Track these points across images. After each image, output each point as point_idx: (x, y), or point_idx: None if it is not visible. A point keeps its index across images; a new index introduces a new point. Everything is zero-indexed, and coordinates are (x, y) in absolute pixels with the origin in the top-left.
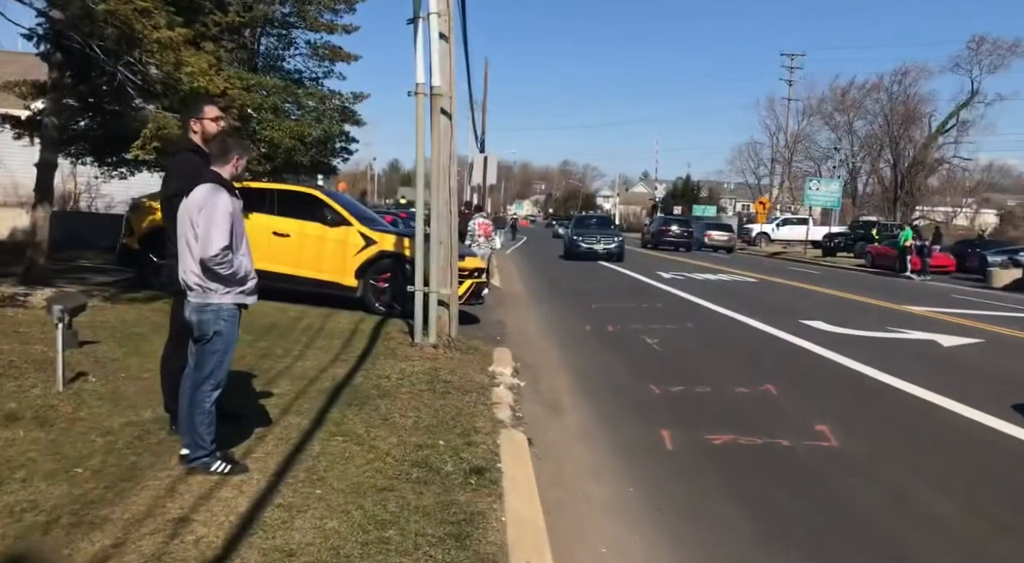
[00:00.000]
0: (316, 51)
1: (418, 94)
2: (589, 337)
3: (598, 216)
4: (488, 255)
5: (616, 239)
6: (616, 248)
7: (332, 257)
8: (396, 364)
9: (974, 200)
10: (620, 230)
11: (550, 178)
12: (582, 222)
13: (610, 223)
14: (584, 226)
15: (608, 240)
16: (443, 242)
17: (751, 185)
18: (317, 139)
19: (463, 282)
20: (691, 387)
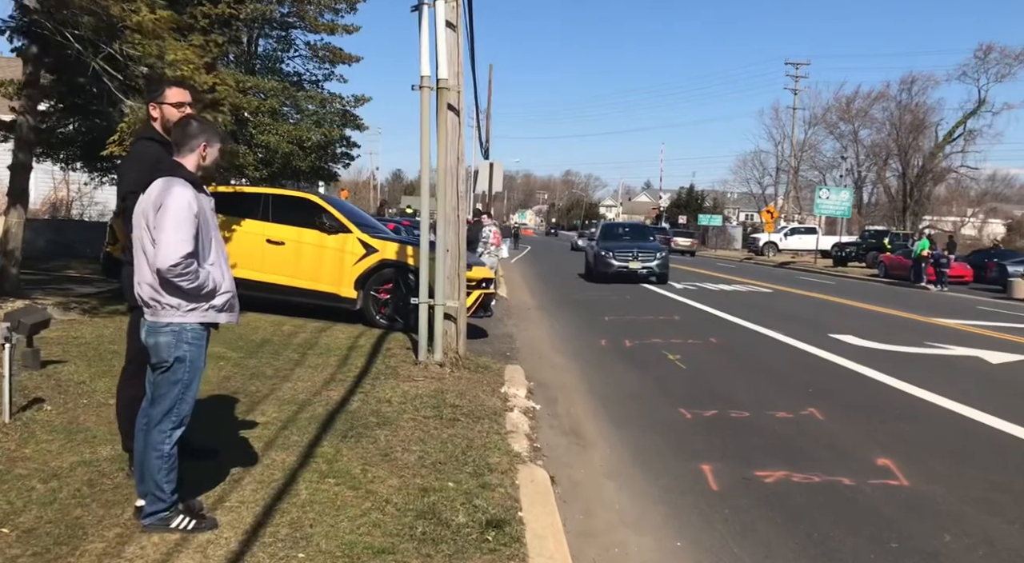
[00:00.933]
0: (316, 53)
1: (423, 88)
2: (606, 352)
3: (632, 224)
4: (496, 265)
5: (659, 255)
6: (659, 266)
7: (330, 266)
8: (398, 385)
9: (981, 210)
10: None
11: (552, 188)
12: (611, 232)
13: (648, 232)
14: (614, 237)
15: (648, 255)
16: (450, 250)
17: (755, 195)
18: (317, 144)
19: (470, 293)
20: (725, 411)
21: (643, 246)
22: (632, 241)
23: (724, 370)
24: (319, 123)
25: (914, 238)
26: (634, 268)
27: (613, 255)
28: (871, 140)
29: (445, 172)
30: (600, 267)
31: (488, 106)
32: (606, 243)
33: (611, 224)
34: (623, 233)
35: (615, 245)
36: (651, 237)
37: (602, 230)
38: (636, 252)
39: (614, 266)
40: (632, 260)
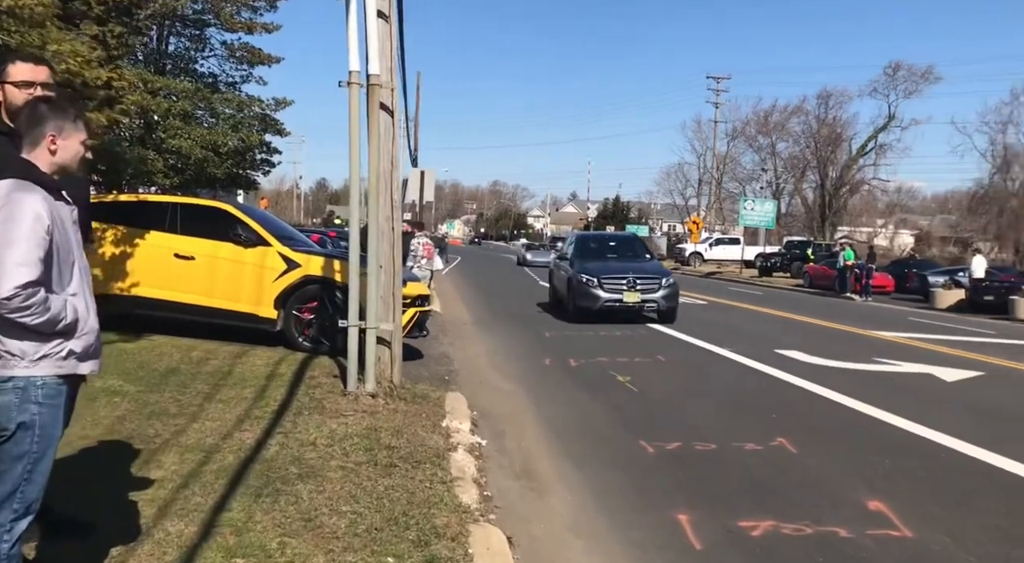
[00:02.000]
0: (233, 53)
1: (351, 85)
2: (551, 373)
3: (618, 236)
4: (429, 279)
5: (665, 282)
6: (666, 298)
7: (247, 283)
8: (325, 423)
9: (891, 221)
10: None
11: (480, 198)
12: (592, 246)
13: (641, 247)
14: (596, 254)
15: (650, 282)
16: (384, 266)
17: (679, 206)
18: (234, 149)
19: (404, 312)
20: (689, 443)
21: (642, 269)
22: (623, 260)
23: (678, 393)
24: (236, 127)
25: (835, 249)
26: (632, 302)
27: (600, 283)
28: (788, 153)
29: (377, 178)
30: (581, 300)
31: (416, 113)
32: (587, 263)
33: (590, 236)
34: (608, 248)
35: (601, 267)
36: (647, 254)
37: (578, 243)
38: (633, 278)
39: (602, 299)
40: (629, 290)
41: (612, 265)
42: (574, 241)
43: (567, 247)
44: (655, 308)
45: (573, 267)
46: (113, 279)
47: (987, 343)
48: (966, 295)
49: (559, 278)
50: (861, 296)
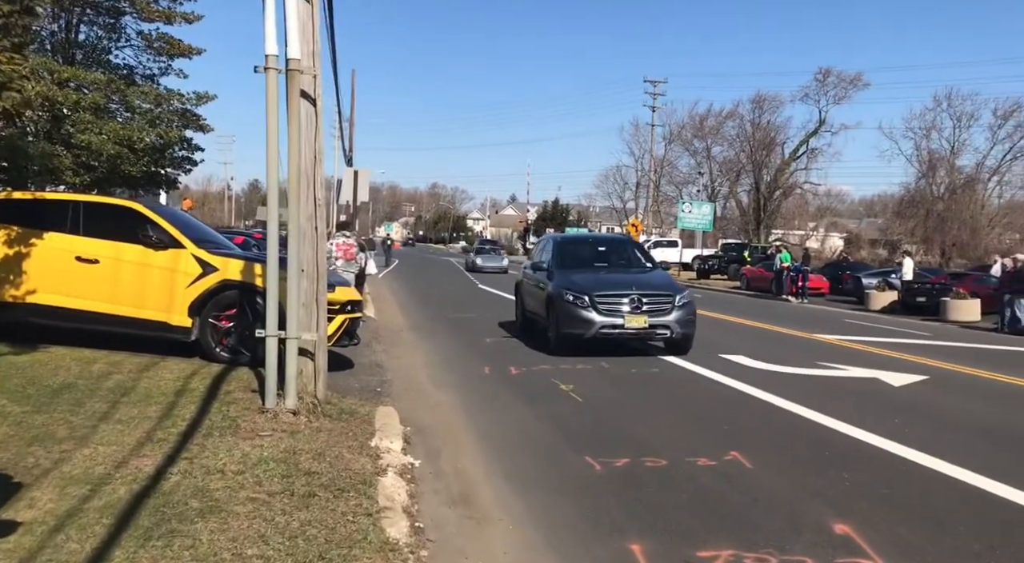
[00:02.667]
0: (150, 43)
1: (268, 70)
2: (490, 382)
3: (607, 238)
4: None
5: (679, 299)
6: (681, 322)
7: (157, 289)
8: (237, 445)
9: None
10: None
11: (419, 200)
12: (575, 251)
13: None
14: (582, 262)
15: (660, 301)
16: (306, 270)
17: (617, 209)
18: (151, 146)
19: (333, 319)
20: (638, 458)
21: (648, 283)
22: (617, 270)
23: (624, 402)
24: (154, 123)
25: (771, 251)
26: (636, 328)
27: (594, 302)
28: (723, 157)
29: (298, 173)
30: (568, 324)
31: (352, 113)
32: (573, 276)
33: (572, 239)
34: (596, 254)
35: (592, 281)
36: (647, 261)
37: (557, 248)
38: (638, 296)
39: (596, 324)
40: (633, 312)
41: (606, 277)
42: (551, 245)
43: (540, 253)
44: (667, 335)
45: (553, 280)
46: (5, 285)
47: (924, 345)
48: (898, 297)
49: (532, 294)
50: (797, 298)
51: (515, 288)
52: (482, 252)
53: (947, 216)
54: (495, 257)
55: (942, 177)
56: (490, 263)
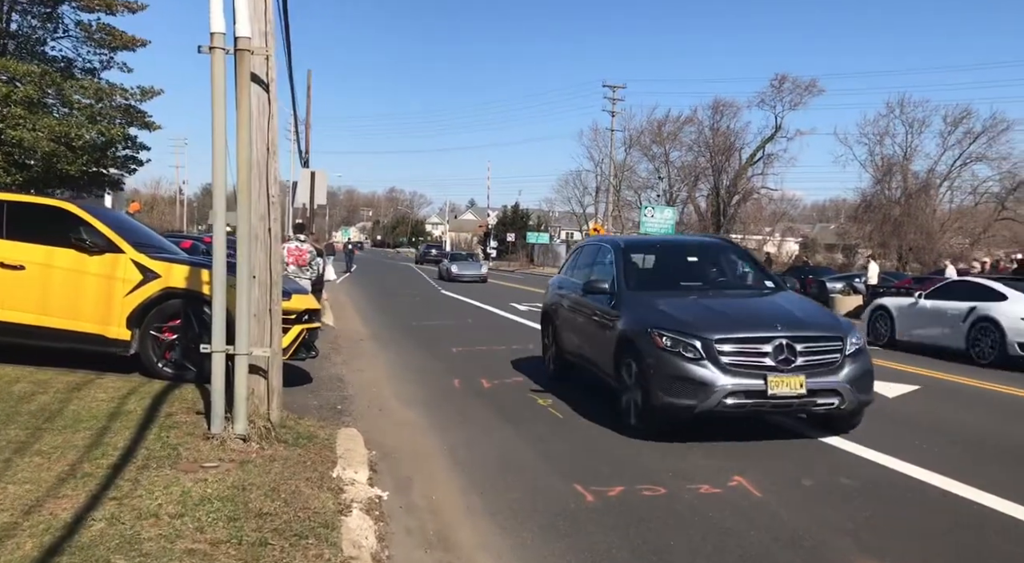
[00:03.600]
0: (90, 34)
1: (214, 50)
2: (461, 397)
3: (698, 243)
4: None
5: (848, 342)
6: (855, 379)
7: (92, 298)
8: (177, 480)
9: (776, 229)
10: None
11: (377, 205)
12: (651, 263)
13: (748, 265)
14: (668, 282)
15: (818, 345)
16: (258, 277)
17: (577, 214)
18: (92, 144)
19: (289, 330)
20: (634, 486)
21: (795, 317)
22: (732, 294)
23: (610, 421)
24: (94, 119)
25: None
26: (787, 394)
27: (710, 350)
28: (681, 162)
29: (248, 167)
30: (668, 388)
31: (308, 114)
32: (662, 304)
33: (644, 245)
34: (685, 269)
35: (700, 312)
36: (770, 280)
37: (626, 259)
38: (786, 340)
39: (719, 387)
40: (783, 368)
41: (721, 307)
42: (612, 254)
43: (590, 266)
44: (834, 405)
45: (627, 309)
46: None
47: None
48: (863, 301)
49: (581, 328)
50: None
51: (544, 315)
52: (457, 259)
53: (903, 221)
54: (472, 264)
55: (898, 182)
56: (467, 271)
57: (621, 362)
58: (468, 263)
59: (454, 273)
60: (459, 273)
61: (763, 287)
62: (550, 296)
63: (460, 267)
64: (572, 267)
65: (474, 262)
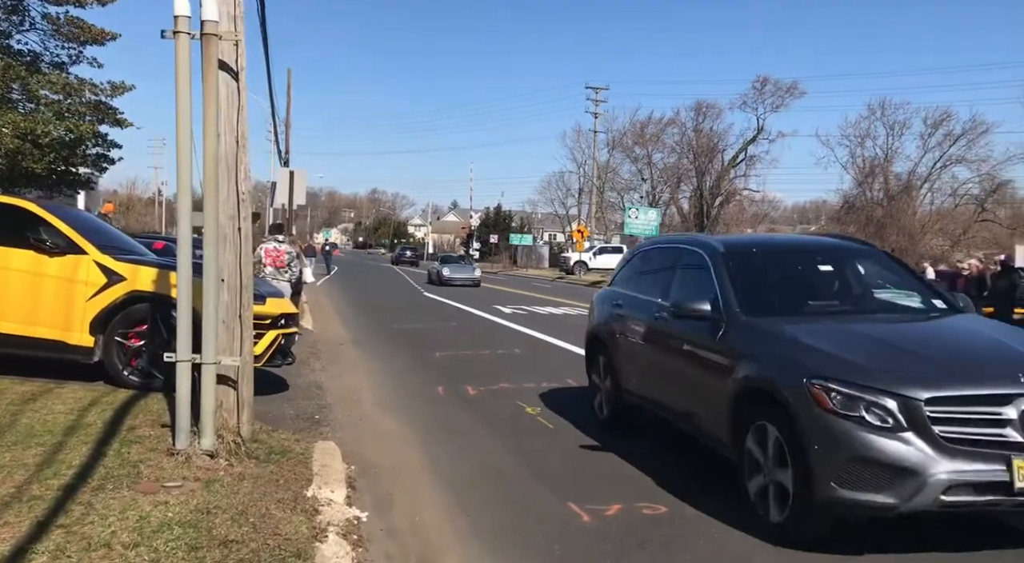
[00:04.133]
0: (58, 27)
1: (178, 34)
2: (446, 406)
3: (827, 246)
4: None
5: None
6: None
7: (52, 302)
8: (135, 503)
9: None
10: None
11: (359, 206)
12: (772, 274)
13: (905, 275)
14: (795, 298)
15: None
16: (227, 280)
17: (560, 215)
18: (59, 141)
19: (263, 336)
20: (632, 504)
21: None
22: (906, 320)
23: (602, 429)
24: (62, 115)
25: None
26: None
27: (916, 413)
28: (664, 163)
29: (216, 161)
30: (849, 475)
31: (288, 114)
32: (819, 338)
33: (757, 246)
34: (815, 281)
35: (887, 350)
36: (938, 297)
37: (738, 268)
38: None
39: (935, 477)
40: None
41: (896, 337)
42: (712, 259)
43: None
44: None
45: (746, 344)
46: None
47: None
48: None
49: (660, 367)
50: None
51: (592, 341)
52: (449, 262)
53: (886, 222)
54: (465, 267)
55: (881, 184)
56: (460, 274)
57: (746, 426)
58: (460, 266)
59: (446, 277)
60: (451, 277)
61: (930, 308)
62: (601, 315)
63: (452, 270)
64: (632, 276)
65: (467, 265)
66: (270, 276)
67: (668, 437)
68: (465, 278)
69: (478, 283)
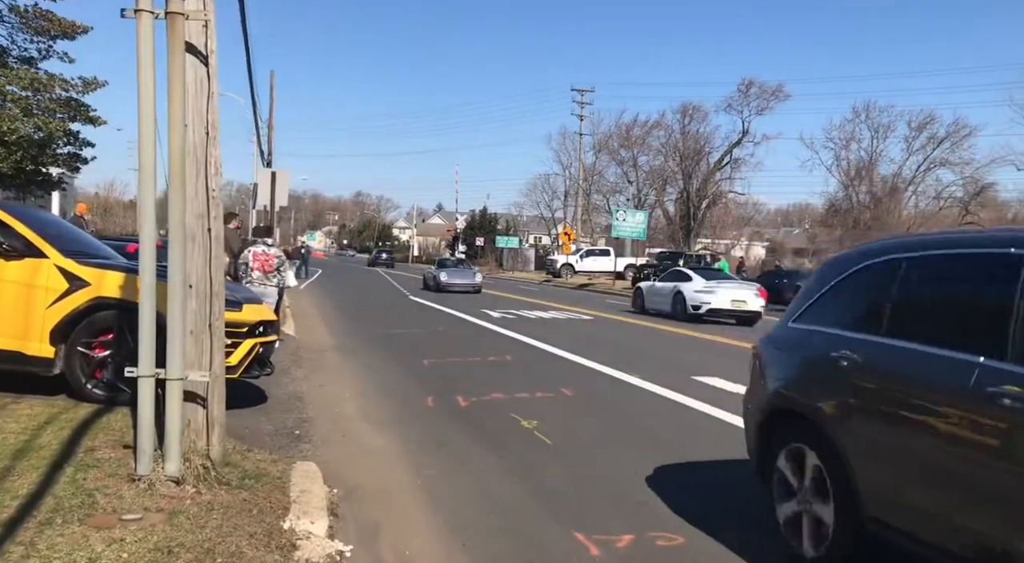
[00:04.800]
0: (27, 21)
1: (140, 13)
2: (436, 419)
3: None
4: (276, 302)
5: None
6: None
7: (9, 309)
8: (86, 540)
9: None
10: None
11: (343, 209)
12: None
13: None
14: None
15: None
16: (195, 285)
17: (545, 218)
18: (28, 139)
19: (238, 345)
20: (644, 533)
21: None
22: None
23: (605, 446)
24: (29, 112)
25: (706, 260)
26: None
27: None
28: (649, 166)
29: (182, 154)
30: None
31: (270, 116)
32: None
33: None
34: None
35: None
36: None
37: None
38: None
39: None
40: None
41: None
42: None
43: (881, 300)
44: None
45: None
46: None
47: None
48: None
49: (971, 479)
50: None
51: (772, 413)
52: (446, 266)
53: (873, 225)
54: (465, 272)
55: (867, 187)
56: (459, 280)
57: None
58: (460, 270)
59: (443, 282)
60: (449, 282)
61: None
62: (795, 373)
63: (451, 275)
64: (862, 308)
65: (467, 269)
66: (257, 281)
67: None
68: (465, 284)
69: (479, 289)
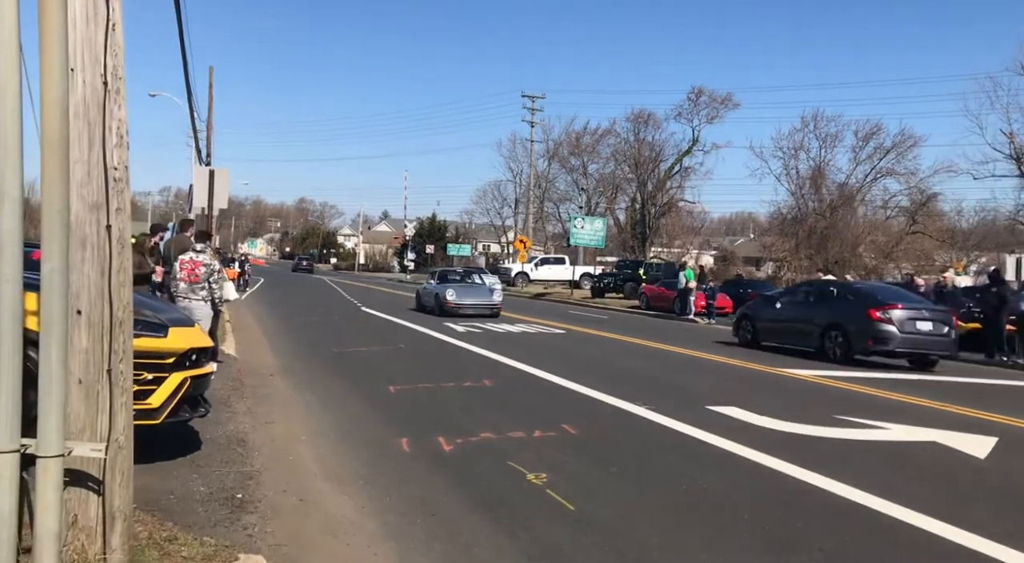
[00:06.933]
0: None
1: None
2: (417, 471)
3: None
4: (213, 322)
5: None
6: None
7: None
8: None
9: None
10: None
11: (286, 216)
12: None
13: None
14: None
15: None
16: (86, 312)
17: (496, 226)
18: None
19: (162, 382)
20: None
21: None
22: None
23: (649, 512)
24: None
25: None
26: None
27: None
28: (600, 174)
29: (63, 116)
30: None
31: (209, 114)
32: None
33: None
34: None
35: None
36: None
37: None
38: None
39: None
40: None
41: None
42: None
43: None
44: None
45: None
46: None
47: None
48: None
49: None
50: (706, 318)
51: None
52: (450, 280)
53: (829, 234)
54: (478, 289)
55: (816, 196)
56: (472, 300)
57: None
58: (471, 287)
59: (451, 304)
60: (459, 304)
61: None
62: None
63: (461, 294)
64: None
65: (480, 286)
66: (182, 294)
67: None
68: (480, 305)
69: (497, 313)
